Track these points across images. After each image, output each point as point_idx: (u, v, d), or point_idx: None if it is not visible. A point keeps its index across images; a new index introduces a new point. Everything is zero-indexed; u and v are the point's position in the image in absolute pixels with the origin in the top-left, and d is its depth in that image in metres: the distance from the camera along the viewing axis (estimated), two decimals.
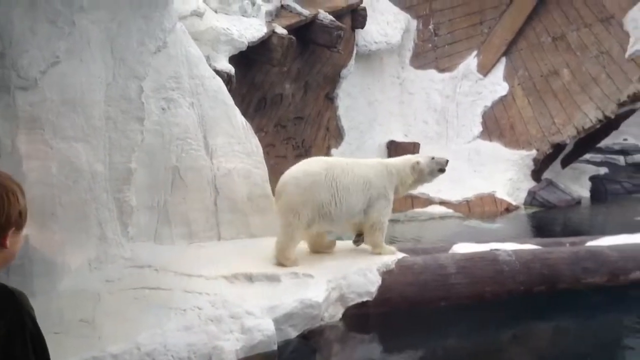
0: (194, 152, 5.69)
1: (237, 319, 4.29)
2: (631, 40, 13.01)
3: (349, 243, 5.83)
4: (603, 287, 5.55)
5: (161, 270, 4.92)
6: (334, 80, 12.39)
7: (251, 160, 6.16)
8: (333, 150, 12.72)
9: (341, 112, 12.92)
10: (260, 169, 6.26)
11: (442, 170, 5.87)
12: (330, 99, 12.59)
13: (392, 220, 11.22)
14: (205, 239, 5.65)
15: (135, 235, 5.25)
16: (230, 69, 8.77)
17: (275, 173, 9.88)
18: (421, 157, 5.92)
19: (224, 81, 6.75)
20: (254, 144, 6.31)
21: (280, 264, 5.16)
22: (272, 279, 4.83)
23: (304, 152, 11.76)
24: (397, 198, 5.88)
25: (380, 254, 5.47)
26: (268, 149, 10.16)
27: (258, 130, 8.64)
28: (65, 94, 4.93)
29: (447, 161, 5.98)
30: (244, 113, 6.70)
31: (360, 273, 5.01)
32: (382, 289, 5.00)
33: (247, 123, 6.37)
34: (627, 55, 12.94)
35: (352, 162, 5.70)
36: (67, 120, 4.90)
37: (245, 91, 9.82)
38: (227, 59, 8.95)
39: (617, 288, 5.58)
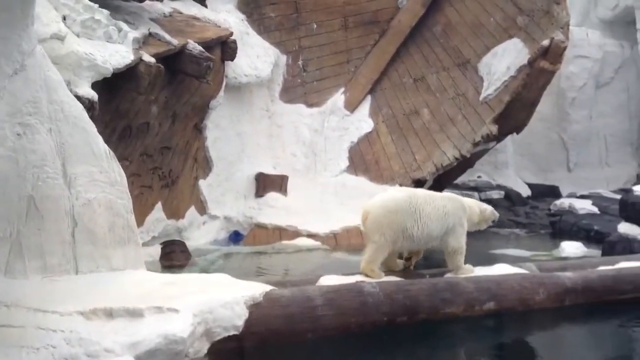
0: (51, 181, 5.36)
1: (95, 358, 4.05)
2: (485, 84, 13.90)
3: (214, 276, 5.74)
4: (459, 317, 5.79)
5: (12, 306, 4.55)
6: (202, 110, 12.25)
7: (114, 190, 5.90)
8: (201, 182, 12.53)
9: (210, 143, 12.75)
10: (123, 199, 6.00)
11: (494, 222, 7.02)
12: (199, 129, 12.43)
13: (259, 253, 11.27)
14: (61, 272, 5.30)
15: None
16: (92, 95, 8.40)
17: (139, 203, 9.59)
18: (487, 206, 6.97)
19: (85, 107, 6.46)
20: (118, 173, 6.04)
21: (367, 275, 6.06)
22: (134, 314, 4.61)
23: (171, 183, 11.50)
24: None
25: (462, 274, 6.36)
26: (133, 178, 9.82)
27: (122, 159, 8.34)
28: None
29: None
30: (108, 141, 6.42)
31: (227, 306, 4.90)
32: (249, 322, 4.92)
33: (111, 151, 6.11)
34: (481, 98, 13.80)
35: (431, 194, 6.65)
36: None
37: (109, 119, 9.46)
38: (90, 84, 8.56)
39: (472, 318, 5.83)
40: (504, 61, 13.68)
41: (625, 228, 8.89)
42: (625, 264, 7.17)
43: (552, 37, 12.80)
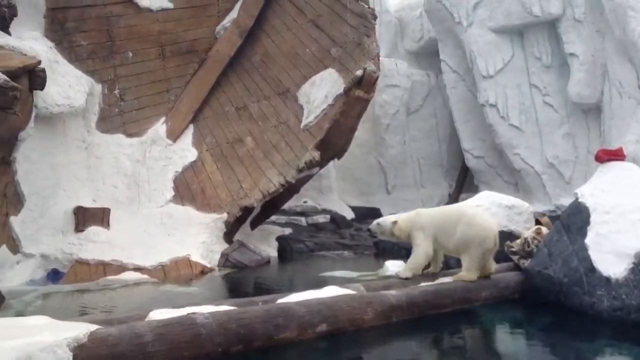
0: None
1: None
2: (305, 112, 14.28)
3: (31, 319, 5.30)
4: (293, 341, 5.81)
5: None
6: (10, 143, 11.43)
7: None
8: (12, 218, 11.60)
9: (20, 176, 11.85)
10: None
11: None
12: (7, 163, 11.53)
13: (82, 290, 10.63)
14: None
15: None
16: None
17: None
18: None
19: None
20: None
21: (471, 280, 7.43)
22: None
23: None
24: None
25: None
26: None
27: None
28: None
29: None
30: None
31: (47, 350, 4.51)
32: None
33: None
34: (302, 125, 14.15)
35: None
36: None
37: None
38: None
39: (306, 342, 5.88)
40: (321, 90, 14.16)
41: None
42: (445, 279, 7.66)
43: (364, 68, 13.46)
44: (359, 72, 13.48)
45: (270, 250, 14.84)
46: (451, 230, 7.50)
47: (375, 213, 20.31)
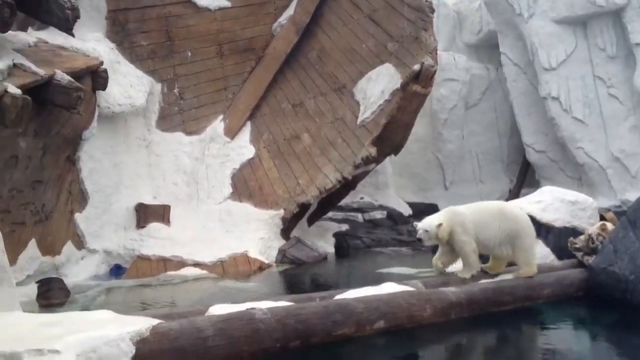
0: None
1: None
2: (361, 108, 14.23)
3: (96, 313, 5.46)
4: (351, 337, 5.80)
5: None
6: (75, 142, 11.77)
7: None
8: (77, 215, 11.95)
9: (84, 174, 12.21)
10: None
11: None
12: (72, 161, 11.89)
13: (143, 286, 10.87)
14: None
15: None
16: None
17: (11, 241, 8.99)
18: None
19: None
20: None
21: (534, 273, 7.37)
22: (12, 358, 4.25)
23: (44, 218, 10.87)
24: None
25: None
26: (2, 215, 9.28)
27: None
28: None
29: None
30: None
31: (111, 344, 4.63)
32: (136, 359, 4.68)
33: None
34: (358, 121, 14.11)
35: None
36: None
37: None
38: None
39: (363, 338, 5.86)
40: (378, 85, 14.06)
41: None
42: (505, 276, 7.51)
43: (422, 62, 13.30)
44: (417, 67, 13.33)
45: (327, 246, 14.85)
46: (491, 226, 7.33)
47: (433, 209, 19.97)
